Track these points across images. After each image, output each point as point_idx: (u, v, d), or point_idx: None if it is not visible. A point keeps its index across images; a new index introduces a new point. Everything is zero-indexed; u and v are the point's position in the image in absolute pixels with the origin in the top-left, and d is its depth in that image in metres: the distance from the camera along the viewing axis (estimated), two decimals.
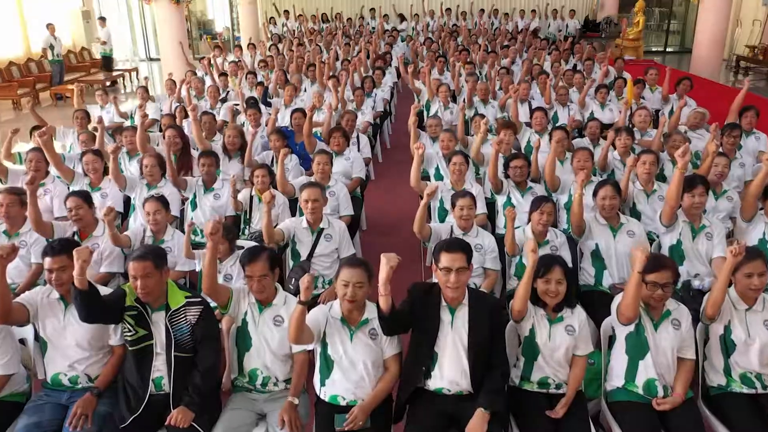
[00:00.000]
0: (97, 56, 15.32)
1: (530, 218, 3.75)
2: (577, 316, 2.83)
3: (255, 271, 2.77)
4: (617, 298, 2.86)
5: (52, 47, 12.63)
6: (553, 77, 8.27)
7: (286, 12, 16.86)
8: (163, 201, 3.86)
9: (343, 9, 17.48)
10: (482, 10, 16.75)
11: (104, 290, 2.83)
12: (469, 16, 16.63)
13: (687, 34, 18.93)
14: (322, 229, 3.79)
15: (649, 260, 2.69)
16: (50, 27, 12.62)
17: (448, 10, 16.71)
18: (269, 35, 15.00)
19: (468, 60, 9.43)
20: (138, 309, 2.71)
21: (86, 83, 13.42)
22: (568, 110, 7.23)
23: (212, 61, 9.58)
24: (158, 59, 14.10)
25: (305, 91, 8.53)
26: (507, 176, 4.53)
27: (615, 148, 5.15)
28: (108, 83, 13.62)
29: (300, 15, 16.61)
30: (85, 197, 3.81)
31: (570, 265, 3.68)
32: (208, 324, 2.74)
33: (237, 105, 7.79)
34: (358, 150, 5.93)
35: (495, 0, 17.57)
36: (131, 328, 2.70)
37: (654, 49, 18.33)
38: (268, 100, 7.81)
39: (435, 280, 2.78)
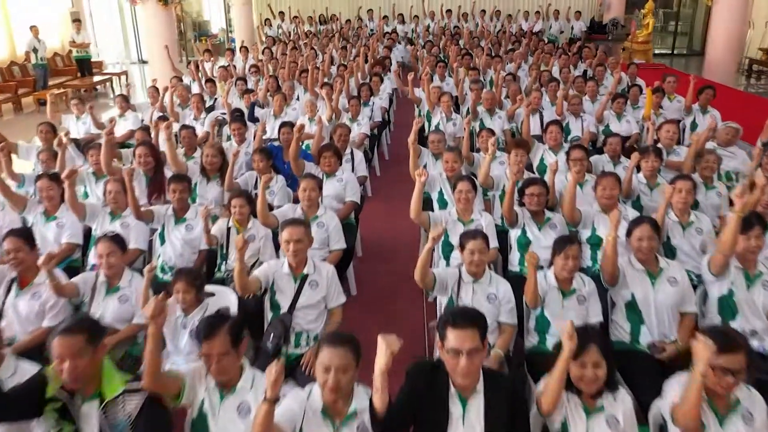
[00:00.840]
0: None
1: (552, 261, 3.16)
2: (621, 403, 2.25)
3: (212, 349, 2.19)
4: (670, 384, 2.27)
5: (35, 50, 12.01)
6: (562, 84, 7.67)
7: (281, 13, 16.25)
8: (118, 240, 3.27)
9: (340, 10, 16.86)
10: (484, 12, 16.18)
11: (24, 369, 2.24)
12: (470, 17, 16.04)
13: (695, 36, 18.34)
14: (307, 275, 3.18)
15: (716, 337, 2.10)
16: (33, 29, 12.02)
17: (449, 11, 16.11)
18: (263, 38, 14.40)
19: (471, 66, 8.82)
20: (62, 401, 2.11)
21: (71, 88, 12.86)
22: (581, 121, 6.63)
23: (200, 66, 8.97)
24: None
25: (298, 99, 7.92)
26: (521, 203, 3.93)
27: (638, 170, 4.58)
28: (85, 89, 13.00)
29: (296, 17, 15.96)
30: (26, 237, 3.22)
31: (600, 318, 3.10)
32: (152, 418, 2.15)
33: (224, 114, 7.22)
34: (353, 169, 5.34)
35: (497, 1, 16.96)
36: (55, 424, 2.11)
37: (659, 52, 17.67)
38: (257, 109, 7.20)
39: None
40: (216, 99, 7.87)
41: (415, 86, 7.75)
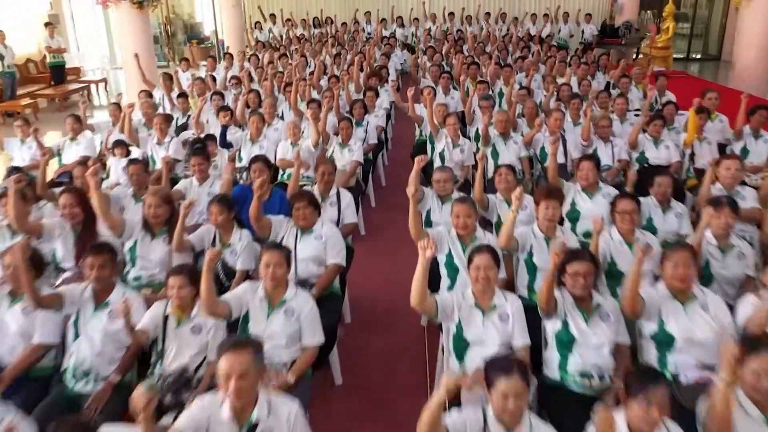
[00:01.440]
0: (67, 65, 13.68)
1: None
2: None
3: None
4: None
5: (2, 57, 10.97)
6: (579, 95, 6.61)
7: (273, 16, 15.18)
8: None
9: (336, 13, 15.81)
10: (488, 14, 15.07)
11: None
12: (474, 21, 14.96)
13: (711, 40, 17.29)
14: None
15: None
16: (0, 34, 10.96)
17: (451, 14, 15.00)
18: (252, 43, 13.36)
19: (480, 78, 7.76)
20: None
21: (43, 98, 11.84)
22: (611, 147, 5.61)
23: (174, 78, 7.93)
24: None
25: (281, 118, 6.90)
26: (560, 283, 2.90)
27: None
28: (60, 99, 11.98)
29: (288, 19, 14.91)
30: None
31: None
32: None
33: (196, 134, 6.21)
34: (339, 216, 4.29)
35: (503, 3, 15.88)
36: None
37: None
38: (234, 130, 6.18)
39: None
40: (189, 116, 6.85)
41: (417, 100, 6.73)
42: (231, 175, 4.13)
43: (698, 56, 17.36)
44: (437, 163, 5.65)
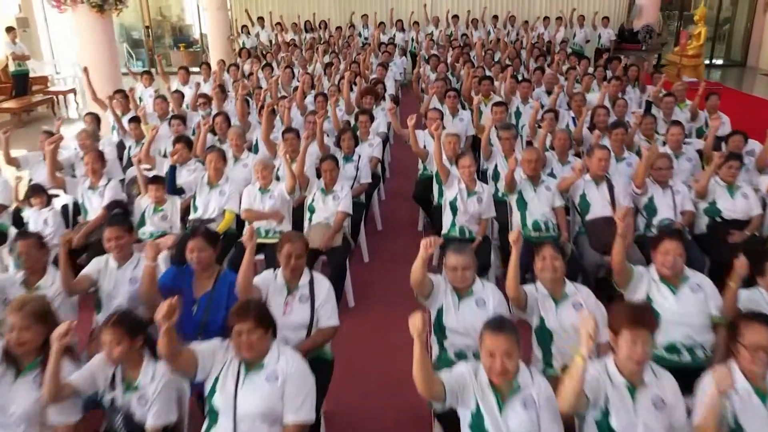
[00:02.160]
0: (34, 73, 12.41)
1: None
2: None
3: None
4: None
5: None
6: (624, 124, 5.31)
7: (260, 19, 13.84)
8: None
9: (330, 16, 14.47)
10: (496, 18, 13.73)
11: None
12: (480, 24, 13.62)
13: (734, 44, 15.99)
14: None
15: None
16: None
17: (455, 17, 13.64)
18: (236, 50, 12.05)
19: (497, 100, 6.41)
20: None
21: (5, 112, 10.54)
22: (671, 195, 4.32)
23: (131, 96, 6.61)
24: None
25: (254, 150, 5.62)
26: None
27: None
28: (20, 111, 10.67)
29: (278, 23, 13.58)
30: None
31: None
32: None
33: (149, 170, 4.97)
34: (312, 310, 2.99)
35: (511, 5, 14.55)
36: None
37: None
38: (184, 172, 4.90)
39: None
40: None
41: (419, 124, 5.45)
42: (154, 263, 2.83)
43: (720, 62, 16.06)
44: (447, 215, 4.37)
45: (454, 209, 4.32)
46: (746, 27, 15.29)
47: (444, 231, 4.37)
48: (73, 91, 12.15)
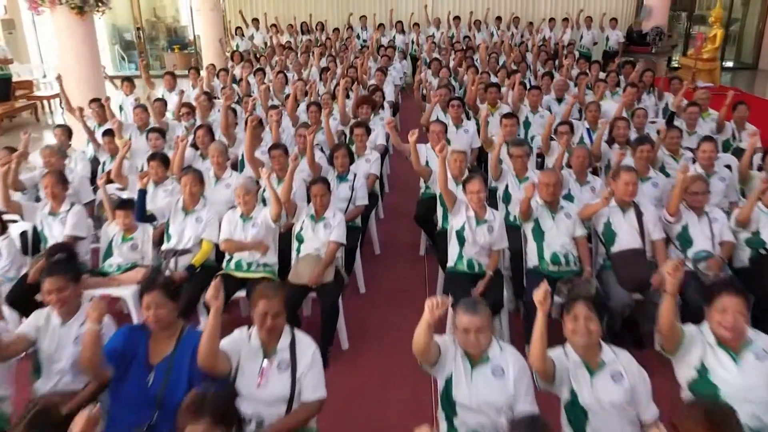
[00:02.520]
0: (18, 77, 11.90)
1: None
2: None
3: None
4: None
5: None
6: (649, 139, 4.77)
7: (255, 21, 13.31)
8: None
9: (327, 18, 13.92)
10: (499, 19, 13.18)
11: None
12: (483, 26, 13.08)
13: (745, 46, 15.45)
14: None
15: None
16: None
17: (457, 18, 13.09)
18: (227, 54, 11.51)
19: (507, 111, 5.86)
20: None
21: None
22: (708, 223, 3.79)
23: (106, 106, 6.06)
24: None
25: (239, 169, 5.10)
26: None
27: None
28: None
29: (273, 25, 13.04)
30: None
31: None
32: None
33: (121, 190, 4.46)
34: (293, 381, 2.46)
35: (515, 6, 14.01)
36: None
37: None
38: (159, 193, 4.37)
39: None
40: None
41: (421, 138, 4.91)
42: (98, 326, 2.31)
43: (731, 64, 15.51)
44: (453, 246, 3.84)
45: (461, 239, 3.78)
46: (758, 28, 14.76)
47: (450, 264, 3.84)
48: (58, 96, 11.59)
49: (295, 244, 3.98)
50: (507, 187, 4.48)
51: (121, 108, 7.07)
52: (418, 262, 5.05)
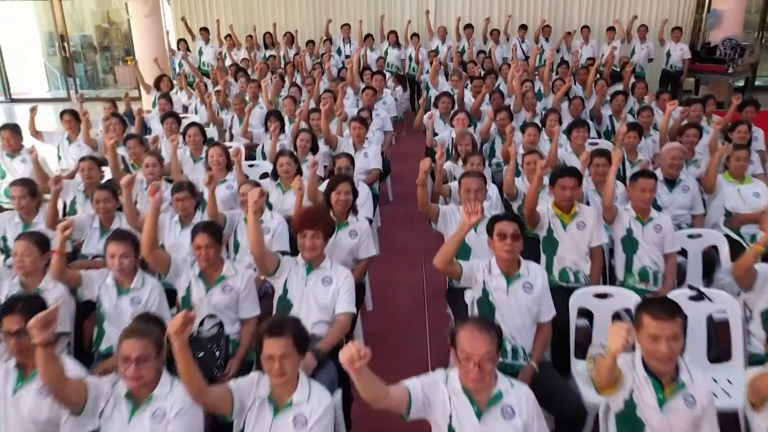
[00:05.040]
0: None
1: None
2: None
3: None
4: None
5: None
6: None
7: (204, 31, 13.75)
8: None
9: (299, 26, 14.53)
10: (524, 28, 13.73)
11: None
12: (502, 38, 13.66)
13: None
14: None
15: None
16: None
17: (468, 27, 13.65)
18: (170, 74, 12.08)
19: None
20: None
21: None
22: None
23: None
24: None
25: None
26: None
27: None
28: None
29: (228, 35, 13.52)
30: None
31: None
32: None
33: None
34: None
35: (544, 10, 14.67)
36: None
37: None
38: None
39: None
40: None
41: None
42: None
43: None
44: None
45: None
46: None
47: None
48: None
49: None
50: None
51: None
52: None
